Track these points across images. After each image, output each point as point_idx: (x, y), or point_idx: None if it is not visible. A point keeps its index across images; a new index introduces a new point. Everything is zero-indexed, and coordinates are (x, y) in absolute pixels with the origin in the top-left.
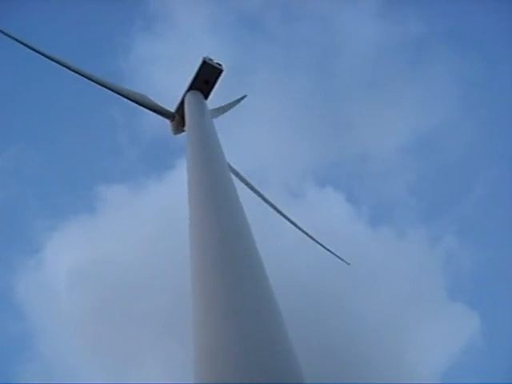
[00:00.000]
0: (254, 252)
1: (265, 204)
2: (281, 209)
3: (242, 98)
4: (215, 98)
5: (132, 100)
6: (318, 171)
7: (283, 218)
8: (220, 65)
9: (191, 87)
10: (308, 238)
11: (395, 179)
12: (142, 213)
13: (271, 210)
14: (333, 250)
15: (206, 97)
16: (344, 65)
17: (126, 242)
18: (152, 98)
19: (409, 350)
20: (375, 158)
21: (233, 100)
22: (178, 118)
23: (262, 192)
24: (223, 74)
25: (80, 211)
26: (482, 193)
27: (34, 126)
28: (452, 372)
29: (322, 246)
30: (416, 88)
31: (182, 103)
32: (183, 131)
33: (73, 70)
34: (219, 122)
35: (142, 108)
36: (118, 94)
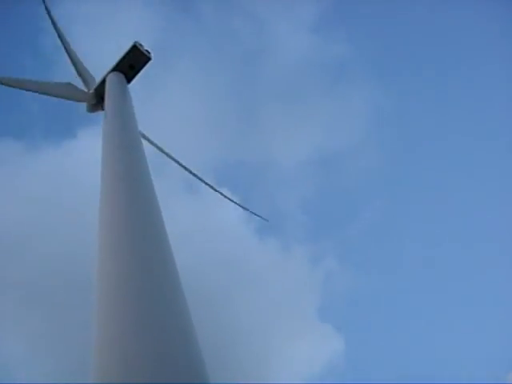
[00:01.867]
0: (165, 243)
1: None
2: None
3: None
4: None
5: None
6: (219, 169)
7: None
8: (149, 52)
9: (115, 68)
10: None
11: (292, 191)
12: (29, 175)
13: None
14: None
15: (129, 81)
16: (268, 69)
17: (7, 199)
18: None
19: (273, 359)
20: (277, 166)
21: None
22: (96, 96)
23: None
24: (150, 63)
25: None
26: (371, 220)
27: None
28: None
29: (222, 194)
30: (330, 107)
31: (102, 82)
32: (99, 110)
33: None
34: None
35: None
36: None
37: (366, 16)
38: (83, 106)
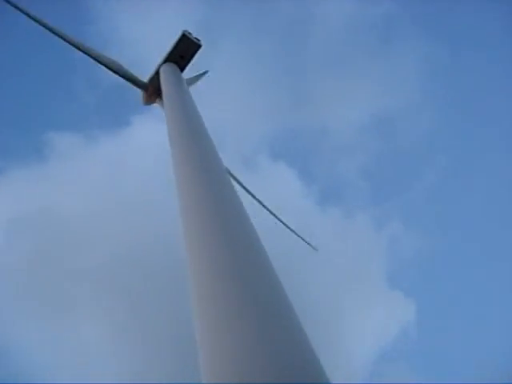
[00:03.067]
0: (258, 241)
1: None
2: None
3: (204, 74)
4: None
5: (104, 65)
6: (274, 142)
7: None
8: (198, 40)
9: (167, 59)
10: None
11: (350, 158)
12: (90, 166)
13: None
14: (302, 236)
15: (181, 70)
16: (313, 37)
17: (71, 193)
18: (125, 67)
19: (344, 330)
20: (333, 133)
21: (194, 75)
22: (151, 89)
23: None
24: (200, 50)
25: (27, 155)
26: (432, 181)
27: None
28: (384, 359)
29: (292, 230)
30: (381, 68)
31: (156, 74)
32: (154, 102)
33: (42, 25)
34: None
35: (114, 75)
36: (90, 56)
37: None
38: (133, 93)
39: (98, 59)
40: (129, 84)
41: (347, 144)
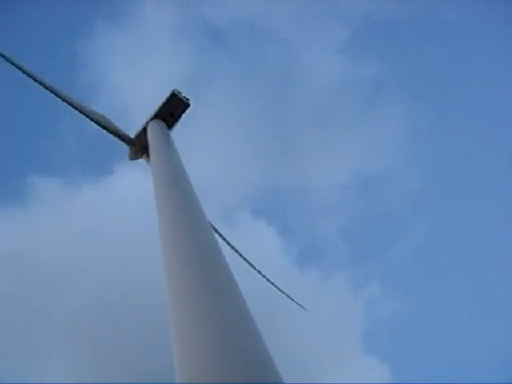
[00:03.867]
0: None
1: None
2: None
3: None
4: None
5: (92, 119)
6: (256, 197)
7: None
8: (188, 99)
9: (155, 116)
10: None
11: (331, 217)
12: (71, 213)
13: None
14: (292, 297)
15: (169, 128)
16: (301, 93)
17: (50, 237)
18: (113, 121)
19: None
20: (315, 192)
21: None
22: (137, 145)
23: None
24: (189, 109)
25: (8, 197)
26: (413, 244)
27: None
28: None
29: (281, 291)
30: (367, 129)
31: (143, 130)
32: (140, 158)
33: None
34: None
35: (101, 129)
36: (78, 110)
37: (397, 35)
38: (118, 144)
39: (85, 113)
40: (115, 139)
41: (328, 203)
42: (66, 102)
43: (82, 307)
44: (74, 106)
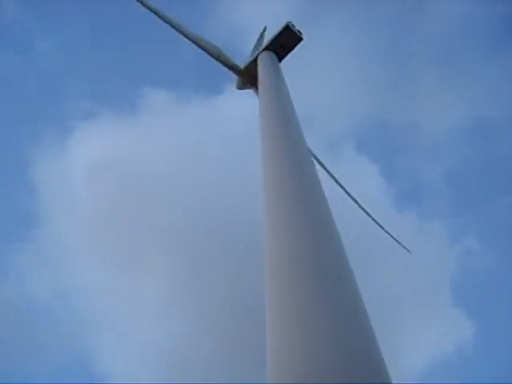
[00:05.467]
0: (340, 248)
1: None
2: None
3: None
4: None
5: (203, 49)
6: (363, 131)
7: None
8: (301, 33)
9: (266, 48)
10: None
11: (437, 160)
12: (180, 126)
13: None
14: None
15: (280, 60)
16: (426, 26)
17: (156, 148)
18: (224, 51)
19: (402, 334)
20: (425, 132)
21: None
22: (247, 74)
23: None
24: (301, 43)
25: (120, 105)
26: None
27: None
28: (436, 370)
29: (387, 232)
30: (491, 71)
31: (254, 61)
32: (248, 88)
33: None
34: None
35: (212, 59)
36: (190, 40)
37: None
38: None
39: (197, 43)
40: (225, 68)
41: (438, 144)
42: (181, 32)
43: (182, 220)
44: (187, 36)
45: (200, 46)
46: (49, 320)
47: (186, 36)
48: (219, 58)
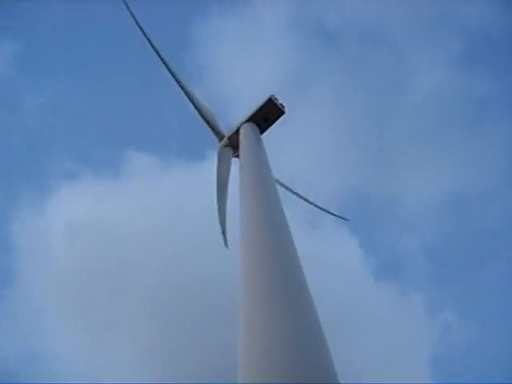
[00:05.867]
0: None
1: None
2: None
3: None
4: None
5: (194, 105)
6: (344, 202)
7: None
8: (283, 106)
9: (249, 119)
10: None
11: (416, 233)
12: (161, 191)
13: None
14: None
15: (262, 132)
16: (405, 102)
17: (135, 212)
18: (214, 115)
19: None
20: (404, 205)
21: None
22: (228, 143)
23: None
24: (283, 116)
25: (104, 167)
26: (499, 273)
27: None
28: None
29: (319, 207)
30: (469, 147)
31: (236, 132)
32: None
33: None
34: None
35: (198, 117)
36: (184, 91)
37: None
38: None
39: (190, 97)
40: (210, 132)
41: (417, 219)
42: (178, 80)
43: (158, 283)
44: (182, 87)
45: (196, 105)
46: None
47: (185, 90)
48: (207, 118)
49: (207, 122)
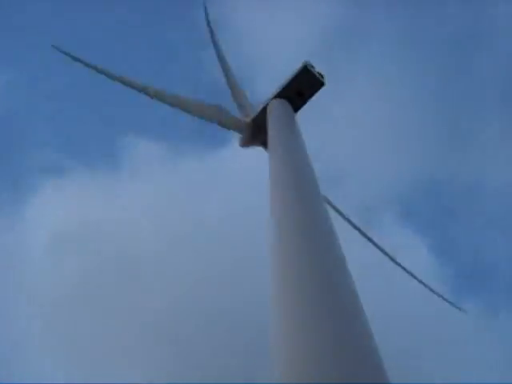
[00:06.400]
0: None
1: None
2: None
3: None
4: None
5: (202, 117)
6: (408, 194)
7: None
8: (322, 76)
9: (279, 95)
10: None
11: (506, 232)
12: (170, 188)
13: None
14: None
15: (296, 110)
16: (483, 64)
17: (141, 215)
18: (226, 109)
19: None
20: (490, 194)
21: None
22: (254, 129)
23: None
24: (322, 89)
25: (97, 158)
26: None
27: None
28: None
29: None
30: None
31: (262, 112)
32: (255, 145)
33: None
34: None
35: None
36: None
37: None
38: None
39: (195, 112)
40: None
41: (505, 211)
42: (177, 106)
43: (168, 306)
44: (184, 109)
45: (198, 115)
46: None
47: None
48: (220, 121)
49: (222, 124)
